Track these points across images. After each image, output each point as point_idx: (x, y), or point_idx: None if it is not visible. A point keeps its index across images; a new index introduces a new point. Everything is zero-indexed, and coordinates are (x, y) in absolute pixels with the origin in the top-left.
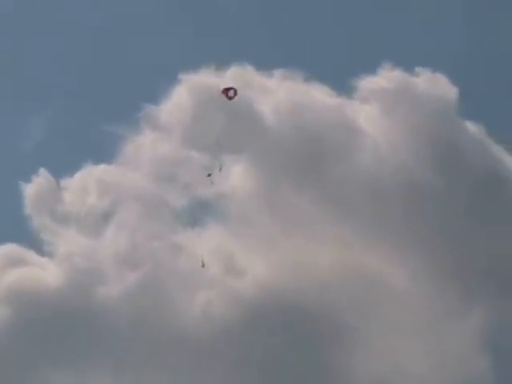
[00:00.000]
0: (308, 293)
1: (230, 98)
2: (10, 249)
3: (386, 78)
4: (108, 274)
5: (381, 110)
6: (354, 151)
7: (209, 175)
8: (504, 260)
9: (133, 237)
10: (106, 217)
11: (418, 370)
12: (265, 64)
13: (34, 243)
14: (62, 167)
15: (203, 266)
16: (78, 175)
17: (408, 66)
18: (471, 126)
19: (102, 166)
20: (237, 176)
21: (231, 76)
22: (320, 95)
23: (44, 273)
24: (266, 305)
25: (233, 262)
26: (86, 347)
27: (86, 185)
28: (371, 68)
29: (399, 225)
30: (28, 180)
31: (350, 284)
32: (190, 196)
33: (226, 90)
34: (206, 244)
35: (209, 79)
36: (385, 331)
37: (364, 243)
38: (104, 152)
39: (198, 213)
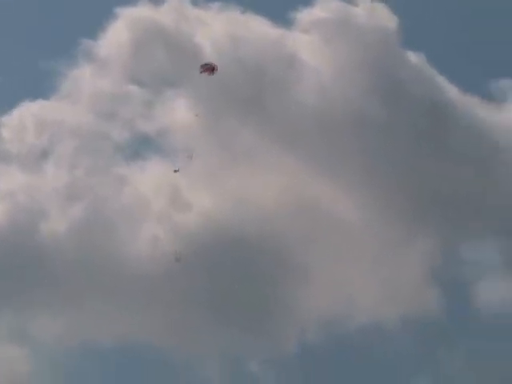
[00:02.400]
0: (254, 225)
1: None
2: None
3: (325, 8)
4: (50, 210)
5: (321, 41)
6: (295, 82)
7: (176, 171)
8: (449, 189)
9: (74, 172)
10: (45, 153)
11: (368, 302)
12: None
13: None
14: (0, 104)
15: (178, 259)
16: (16, 112)
17: None
18: (412, 56)
19: (40, 102)
20: (178, 110)
21: (168, 9)
22: (259, 27)
23: None
24: (212, 238)
25: (178, 196)
26: (29, 285)
27: (24, 121)
28: None
29: (344, 156)
30: None
31: (297, 216)
32: (131, 131)
33: (207, 69)
34: (149, 178)
35: (146, 13)
36: (333, 263)
37: (310, 175)
38: (42, 88)
39: (141, 147)
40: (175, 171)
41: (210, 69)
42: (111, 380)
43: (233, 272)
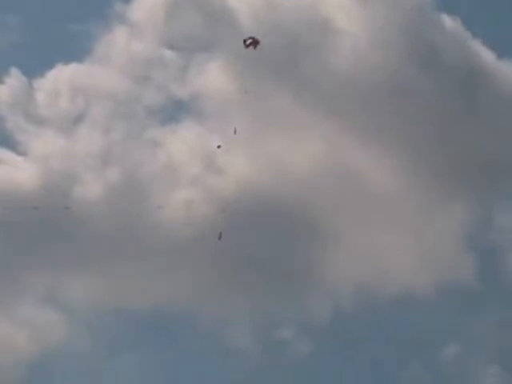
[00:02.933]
0: (288, 192)
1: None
2: None
3: None
4: (85, 174)
5: (356, 5)
6: (330, 47)
7: (219, 147)
8: (484, 155)
9: (108, 136)
10: (79, 117)
11: (401, 269)
12: None
13: (8, 144)
14: (34, 67)
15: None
16: (50, 75)
17: None
18: (448, 20)
19: (74, 66)
20: (212, 74)
21: None
22: None
23: (19, 173)
24: (245, 203)
25: (212, 161)
26: (63, 249)
27: (58, 85)
28: None
29: (379, 122)
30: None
31: (331, 183)
32: (165, 95)
33: (251, 43)
34: (183, 142)
35: None
36: (366, 231)
37: (345, 141)
38: (75, 51)
39: (175, 111)
40: (218, 147)
41: (254, 43)
42: (143, 344)
43: (266, 238)
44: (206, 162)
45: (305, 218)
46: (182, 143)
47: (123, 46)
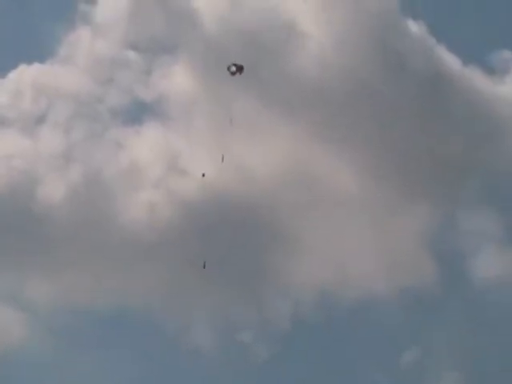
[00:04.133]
0: (252, 194)
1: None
2: None
3: None
4: (47, 175)
5: (320, 9)
6: (294, 50)
7: (203, 175)
8: (449, 160)
9: (71, 137)
10: (42, 118)
11: (363, 273)
12: None
13: None
14: None
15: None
16: (12, 75)
17: None
18: (413, 25)
19: (37, 66)
20: (176, 76)
21: None
22: None
23: None
24: (208, 205)
25: (176, 162)
26: (25, 249)
27: (20, 85)
28: None
29: (343, 126)
30: None
31: (294, 185)
32: (129, 96)
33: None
34: (147, 144)
35: None
36: (328, 233)
37: (308, 144)
38: (38, 51)
39: (138, 113)
40: (203, 175)
41: (239, 69)
42: (105, 343)
43: (228, 240)
44: (170, 164)
45: (268, 221)
46: (145, 145)
47: (87, 46)
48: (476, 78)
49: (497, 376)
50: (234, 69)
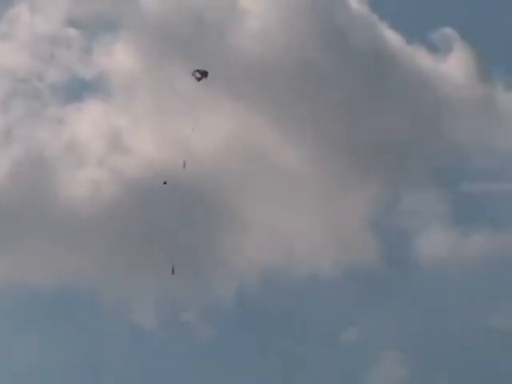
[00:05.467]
0: (195, 171)
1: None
2: None
3: None
4: None
5: None
6: (238, 28)
7: (164, 183)
8: (391, 138)
9: (10, 114)
10: None
11: (307, 251)
12: None
13: None
14: None
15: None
16: None
17: None
18: (355, 2)
19: None
20: (118, 54)
21: None
22: None
23: None
24: (151, 183)
25: (118, 140)
26: None
27: None
28: None
29: (286, 103)
30: None
31: (238, 163)
32: (69, 74)
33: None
34: (88, 121)
35: None
36: (273, 212)
37: (252, 121)
38: None
39: (79, 90)
40: (164, 183)
41: (203, 74)
42: (46, 321)
43: (171, 218)
44: (112, 141)
45: (212, 199)
46: (86, 122)
47: (26, 23)
48: (419, 55)
49: (437, 355)
50: (198, 75)
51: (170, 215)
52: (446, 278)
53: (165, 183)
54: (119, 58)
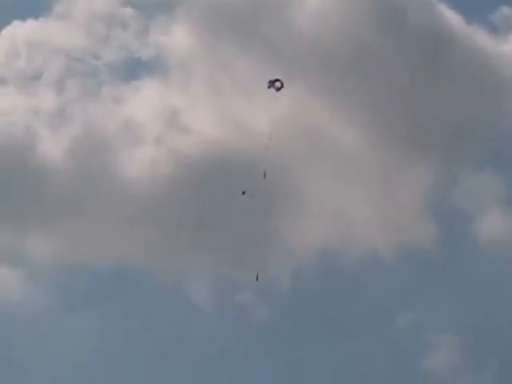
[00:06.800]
0: (253, 151)
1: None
2: None
3: None
4: (46, 131)
5: None
6: (296, 10)
7: (243, 193)
8: (450, 118)
9: (68, 94)
10: (38, 75)
11: (363, 231)
12: None
13: None
14: None
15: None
16: (6, 32)
17: None
18: None
19: (31, 22)
20: (174, 33)
21: None
22: None
23: None
24: (209, 162)
25: (175, 120)
26: (24, 207)
27: (15, 42)
28: None
29: (344, 83)
30: None
31: (295, 144)
32: (126, 53)
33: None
34: (146, 101)
35: None
36: (329, 192)
37: (309, 102)
38: (33, 8)
39: (136, 70)
40: (243, 193)
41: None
42: (102, 299)
43: (229, 198)
44: (169, 121)
45: (269, 179)
46: (143, 101)
47: (83, 2)
48: (479, 36)
49: (495, 339)
50: (278, 84)
51: (227, 196)
52: (505, 261)
53: (243, 193)
54: (176, 37)
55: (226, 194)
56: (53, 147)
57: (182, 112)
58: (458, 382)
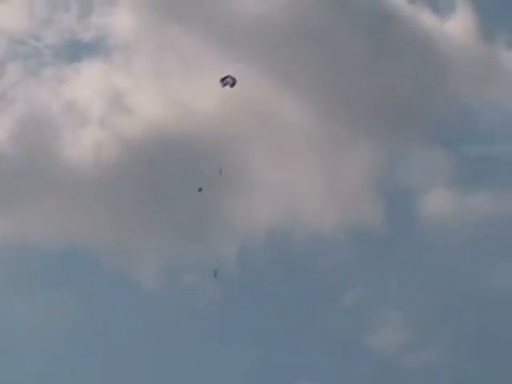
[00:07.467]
0: (196, 131)
1: (232, 85)
2: None
3: None
4: None
5: None
6: None
7: (200, 190)
8: (394, 97)
9: (8, 75)
10: None
11: (310, 210)
12: None
13: None
14: None
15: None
16: None
17: None
18: None
19: None
20: (117, 15)
21: None
22: None
23: None
24: (154, 143)
25: (119, 100)
26: None
27: None
28: None
29: (288, 62)
30: None
31: (240, 124)
32: (68, 36)
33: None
34: (88, 82)
35: None
36: (275, 171)
37: (253, 80)
38: None
39: (78, 51)
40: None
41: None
42: (51, 281)
43: (173, 178)
44: (113, 102)
45: (214, 159)
46: (86, 83)
47: None
48: (421, 15)
49: (441, 316)
50: (229, 81)
51: (172, 176)
52: (450, 238)
53: (200, 190)
54: (119, 18)
55: (170, 175)
56: None
57: (125, 93)
58: (404, 359)
